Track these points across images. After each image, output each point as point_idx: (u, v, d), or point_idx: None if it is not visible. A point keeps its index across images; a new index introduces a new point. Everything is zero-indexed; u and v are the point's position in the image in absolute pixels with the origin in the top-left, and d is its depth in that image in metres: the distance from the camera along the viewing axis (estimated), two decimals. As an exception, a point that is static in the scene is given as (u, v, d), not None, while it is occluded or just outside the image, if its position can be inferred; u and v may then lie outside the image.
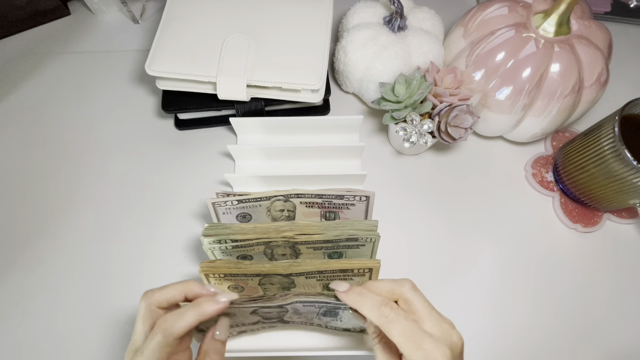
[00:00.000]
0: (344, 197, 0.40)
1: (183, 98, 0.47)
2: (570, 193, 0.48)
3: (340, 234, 0.36)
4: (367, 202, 0.40)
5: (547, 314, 0.44)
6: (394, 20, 0.48)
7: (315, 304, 0.33)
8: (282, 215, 0.42)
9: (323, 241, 0.37)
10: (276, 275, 0.35)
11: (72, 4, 0.59)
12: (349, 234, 0.37)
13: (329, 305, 0.33)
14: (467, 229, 0.47)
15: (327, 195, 0.40)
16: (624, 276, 0.46)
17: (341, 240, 0.37)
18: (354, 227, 0.37)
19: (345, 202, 0.40)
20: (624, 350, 0.43)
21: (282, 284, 0.37)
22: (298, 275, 0.35)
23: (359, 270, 0.36)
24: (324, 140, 0.48)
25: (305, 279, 0.36)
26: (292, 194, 0.39)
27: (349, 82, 0.51)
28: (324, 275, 0.36)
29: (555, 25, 0.43)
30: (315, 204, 0.41)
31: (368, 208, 0.41)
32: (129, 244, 0.45)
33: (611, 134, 0.40)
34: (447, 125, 0.43)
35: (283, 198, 0.40)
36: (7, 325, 0.41)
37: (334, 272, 0.36)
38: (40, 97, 0.52)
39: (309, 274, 0.35)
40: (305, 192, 0.39)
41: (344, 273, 0.36)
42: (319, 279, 0.36)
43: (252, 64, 0.45)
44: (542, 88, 0.43)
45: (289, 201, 0.40)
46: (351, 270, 0.36)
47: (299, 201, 0.40)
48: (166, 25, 0.46)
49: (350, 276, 0.36)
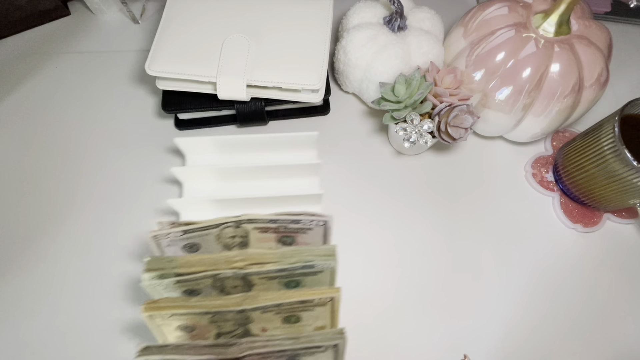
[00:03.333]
0: (300, 221, 0.37)
1: (183, 98, 0.47)
2: (570, 193, 0.48)
3: (297, 261, 0.33)
4: (324, 226, 0.38)
5: (547, 314, 0.44)
6: (394, 20, 0.48)
7: (269, 356, 0.31)
8: (233, 242, 0.38)
9: (277, 270, 0.34)
10: (229, 312, 0.32)
11: (72, 4, 0.59)
12: (305, 261, 0.33)
13: (285, 353, 0.31)
14: (467, 228, 0.47)
15: (281, 220, 0.36)
16: (623, 276, 0.46)
17: (297, 268, 0.34)
18: (312, 253, 0.34)
19: (301, 227, 0.37)
20: (624, 350, 0.43)
21: (237, 320, 0.34)
22: (253, 310, 0.32)
23: (320, 300, 0.33)
24: (280, 159, 0.45)
25: (261, 314, 0.33)
26: (244, 219, 0.36)
27: (349, 82, 0.51)
28: (282, 308, 0.33)
29: (555, 25, 0.43)
30: (269, 229, 0.37)
31: (326, 232, 0.38)
32: (129, 243, 0.45)
33: (611, 134, 0.40)
34: (447, 125, 0.43)
35: (234, 224, 0.36)
36: (8, 324, 0.41)
37: (293, 304, 0.33)
38: (40, 97, 0.52)
39: (265, 308, 0.32)
40: (258, 218, 0.36)
41: (304, 304, 0.33)
42: (277, 312, 0.33)
43: (252, 64, 0.45)
44: (542, 88, 0.43)
45: (241, 227, 0.37)
46: (311, 301, 0.33)
47: (251, 227, 0.37)
48: (166, 25, 0.46)
49: (311, 307, 0.34)
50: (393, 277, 0.45)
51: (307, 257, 0.33)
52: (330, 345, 0.33)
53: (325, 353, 0.33)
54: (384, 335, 0.42)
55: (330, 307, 0.34)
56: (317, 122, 0.52)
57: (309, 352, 0.32)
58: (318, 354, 0.33)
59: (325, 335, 0.32)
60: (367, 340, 0.42)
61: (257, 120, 0.49)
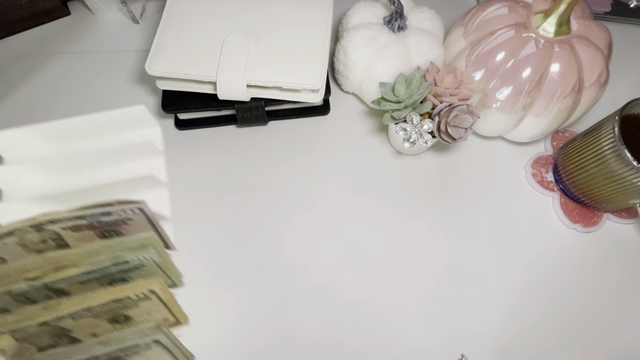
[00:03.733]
0: (111, 213, 0.30)
1: (183, 98, 0.47)
2: (570, 193, 0.48)
3: (105, 259, 0.29)
4: (143, 213, 0.32)
5: (547, 314, 0.44)
6: (394, 20, 0.48)
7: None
8: (47, 247, 0.31)
9: (84, 273, 0.29)
10: (35, 326, 0.28)
11: (72, 4, 0.59)
12: (114, 258, 0.29)
13: (105, 358, 0.28)
14: (467, 228, 0.47)
15: (89, 215, 0.30)
16: (624, 276, 0.46)
17: (107, 268, 0.29)
18: (123, 246, 0.29)
19: (117, 218, 0.31)
20: (624, 350, 0.43)
21: (50, 332, 0.29)
22: (59, 319, 0.28)
23: (137, 296, 0.29)
24: (110, 143, 0.37)
25: (74, 321, 0.29)
26: (43, 221, 0.29)
27: (349, 82, 0.51)
28: (98, 311, 0.29)
29: (555, 25, 0.43)
30: (82, 227, 0.31)
31: (151, 219, 0.33)
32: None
33: (611, 134, 0.40)
34: (447, 125, 0.43)
35: (33, 229, 0.29)
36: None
37: (107, 304, 0.28)
38: (40, 97, 0.52)
39: (74, 315, 0.28)
40: (60, 217, 0.29)
41: (121, 302, 0.29)
42: (94, 316, 0.29)
43: (252, 64, 0.45)
44: (542, 88, 0.43)
45: (45, 230, 0.30)
46: (128, 298, 0.29)
47: (58, 227, 0.30)
48: (166, 25, 0.46)
49: (133, 303, 0.29)
50: (393, 276, 0.45)
51: (117, 253, 0.29)
52: (150, 342, 0.30)
53: (154, 351, 0.30)
54: (384, 334, 0.42)
55: (157, 300, 0.30)
56: (317, 122, 0.52)
57: (132, 352, 0.30)
58: (144, 352, 0.30)
59: (141, 332, 0.29)
60: (367, 339, 0.42)
61: (257, 120, 0.49)
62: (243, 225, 0.46)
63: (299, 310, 0.43)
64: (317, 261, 0.45)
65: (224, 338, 0.42)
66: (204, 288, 0.43)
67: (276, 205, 0.47)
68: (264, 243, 0.45)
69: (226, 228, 0.46)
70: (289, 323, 0.42)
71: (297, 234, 0.46)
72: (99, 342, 0.29)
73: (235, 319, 0.42)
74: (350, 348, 0.42)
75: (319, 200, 0.48)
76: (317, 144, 0.51)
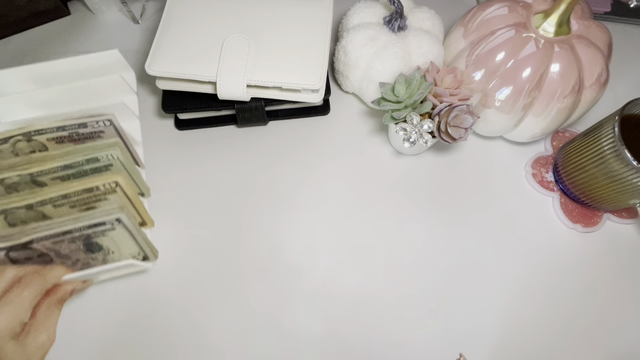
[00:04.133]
0: (87, 124, 0.37)
1: (183, 98, 0.48)
2: (570, 193, 0.48)
3: (80, 156, 0.36)
4: (112, 125, 0.38)
5: (547, 314, 0.44)
6: (394, 20, 0.48)
7: (58, 236, 0.33)
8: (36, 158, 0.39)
9: (63, 167, 0.36)
10: (19, 209, 0.34)
11: (72, 4, 0.59)
12: (86, 154, 0.36)
13: (74, 235, 0.34)
14: (467, 228, 0.47)
15: (69, 126, 0.37)
16: (624, 276, 0.46)
17: (82, 163, 0.36)
18: (94, 148, 0.37)
19: (93, 130, 0.38)
20: (624, 350, 0.43)
21: (33, 217, 0.35)
22: (42, 204, 0.35)
23: (105, 187, 0.36)
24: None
25: (54, 208, 0.35)
26: (32, 130, 0.36)
27: (349, 82, 0.51)
28: (73, 200, 0.35)
29: (555, 25, 0.43)
30: (64, 139, 0.38)
31: (120, 132, 0.39)
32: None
33: (611, 134, 0.40)
34: (447, 125, 0.43)
35: (23, 137, 0.36)
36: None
37: (80, 192, 0.35)
38: (40, 97, 0.52)
39: (53, 200, 0.35)
40: (45, 127, 0.36)
41: (92, 193, 0.36)
42: (70, 205, 0.36)
43: (252, 64, 0.45)
44: (542, 88, 0.43)
45: (34, 140, 0.37)
46: (97, 188, 0.36)
47: (44, 138, 0.37)
48: (166, 25, 0.46)
49: (102, 195, 0.36)
50: (392, 276, 0.45)
51: (90, 152, 0.36)
52: (113, 220, 0.35)
53: (117, 231, 0.35)
54: (384, 334, 0.42)
55: (122, 194, 0.37)
56: (317, 122, 0.52)
57: (100, 232, 0.35)
58: (109, 232, 0.35)
59: (105, 211, 0.35)
60: (366, 339, 0.42)
61: (257, 120, 0.49)
62: (243, 225, 0.46)
63: (298, 310, 0.43)
64: (317, 261, 0.45)
65: (223, 336, 0.42)
66: (203, 285, 0.43)
67: (276, 205, 0.47)
68: (264, 243, 0.45)
69: (226, 228, 0.46)
70: (288, 323, 0.42)
71: (297, 233, 0.46)
72: (72, 218, 0.34)
73: (235, 319, 0.42)
74: (350, 348, 0.42)
75: (319, 200, 0.48)
76: (317, 144, 0.51)
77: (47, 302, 0.32)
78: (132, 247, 0.37)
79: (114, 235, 0.36)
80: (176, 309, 0.42)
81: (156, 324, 0.42)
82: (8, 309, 0.29)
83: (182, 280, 0.44)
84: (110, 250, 0.36)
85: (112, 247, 0.36)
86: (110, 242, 0.36)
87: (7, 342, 0.28)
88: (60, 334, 0.32)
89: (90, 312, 0.42)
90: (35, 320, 0.30)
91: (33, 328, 0.30)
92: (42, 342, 0.30)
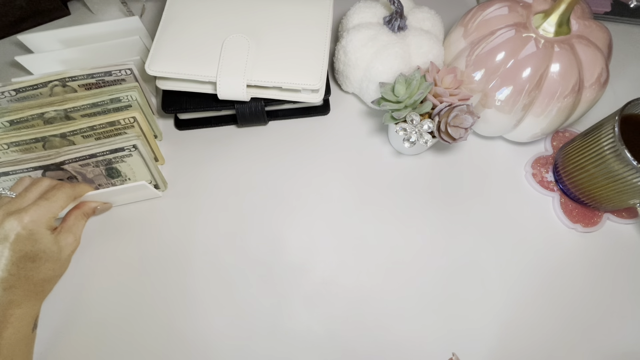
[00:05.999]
0: (112, 72, 0.45)
1: (183, 98, 0.48)
2: (570, 193, 0.48)
3: (105, 96, 0.43)
4: (132, 74, 0.45)
5: (547, 314, 0.44)
6: (394, 20, 0.48)
7: (85, 159, 0.40)
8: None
9: (91, 104, 0.43)
10: (54, 137, 0.41)
11: (72, 4, 0.59)
12: (111, 95, 0.43)
13: (98, 159, 0.41)
14: (467, 228, 0.47)
15: (97, 74, 0.44)
16: (623, 276, 0.46)
17: (106, 102, 0.43)
18: (117, 90, 0.44)
19: (116, 78, 0.45)
20: (623, 350, 0.43)
21: (66, 145, 0.42)
22: (73, 134, 0.42)
23: (124, 121, 0.43)
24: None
25: (82, 138, 0.42)
26: (66, 77, 0.44)
27: (349, 82, 0.51)
28: (97, 132, 0.43)
29: (555, 25, 0.43)
30: (92, 85, 0.46)
31: (137, 77, 0.46)
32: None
33: (611, 134, 0.40)
34: (447, 125, 0.43)
35: (59, 83, 0.44)
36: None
37: (104, 125, 0.42)
38: (40, 97, 0.52)
39: (82, 131, 0.42)
40: (78, 74, 0.44)
41: (114, 127, 0.43)
42: (96, 136, 0.43)
43: (252, 64, 0.45)
44: (542, 88, 0.43)
45: (68, 86, 0.45)
46: (118, 122, 0.43)
47: (76, 84, 0.45)
48: (166, 25, 0.46)
49: (122, 128, 0.43)
50: (392, 276, 0.45)
51: (113, 93, 0.43)
52: (130, 147, 0.41)
53: (134, 158, 0.42)
54: (383, 334, 0.42)
55: (138, 128, 0.44)
56: (317, 122, 0.52)
57: (119, 159, 0.42)
58: (127, 158, 0.42)
59: (124, 137, 0.41)
60: (366, 339, 0.42)
61: (257, 120, 0.49)
62: (243, 225, 0.46)
63: (298, 309, 0.43)
64: (317, 261, 0.45)
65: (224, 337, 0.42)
66: (203, 285, 0.43)
67: (276, 205, 0.47)
68: (264, 243, 0.45)
69: (226, 228, 0.46)
70: (288, 322, 0.42)
71: (297, 233, 0.46)
72: (97, 144, 0.41)
73: (235, 319, 0.42)
74: (350, 348, 0.42)
75: (319, 200, 0.48)
76: (317, 144, 0.51)
77: (75, 212, 0.40)
78: (146, 174, 0.44)
79: (130, 161, 0.42)
80: (176, 309, 0.42)
81: (156, 326, 0.42)
82: (46, 203, 0.36)
83: (182, 280, 0.44)
84: (127, 177, 0.44)
85: (129, 174, 0.44)
86: (127, 169, 0.43)
87: (45, 230, 0.36)
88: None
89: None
90: (66, 224, 0.39)
91: (64, 229, 0.39)
92: (70, 241, 0.39)
